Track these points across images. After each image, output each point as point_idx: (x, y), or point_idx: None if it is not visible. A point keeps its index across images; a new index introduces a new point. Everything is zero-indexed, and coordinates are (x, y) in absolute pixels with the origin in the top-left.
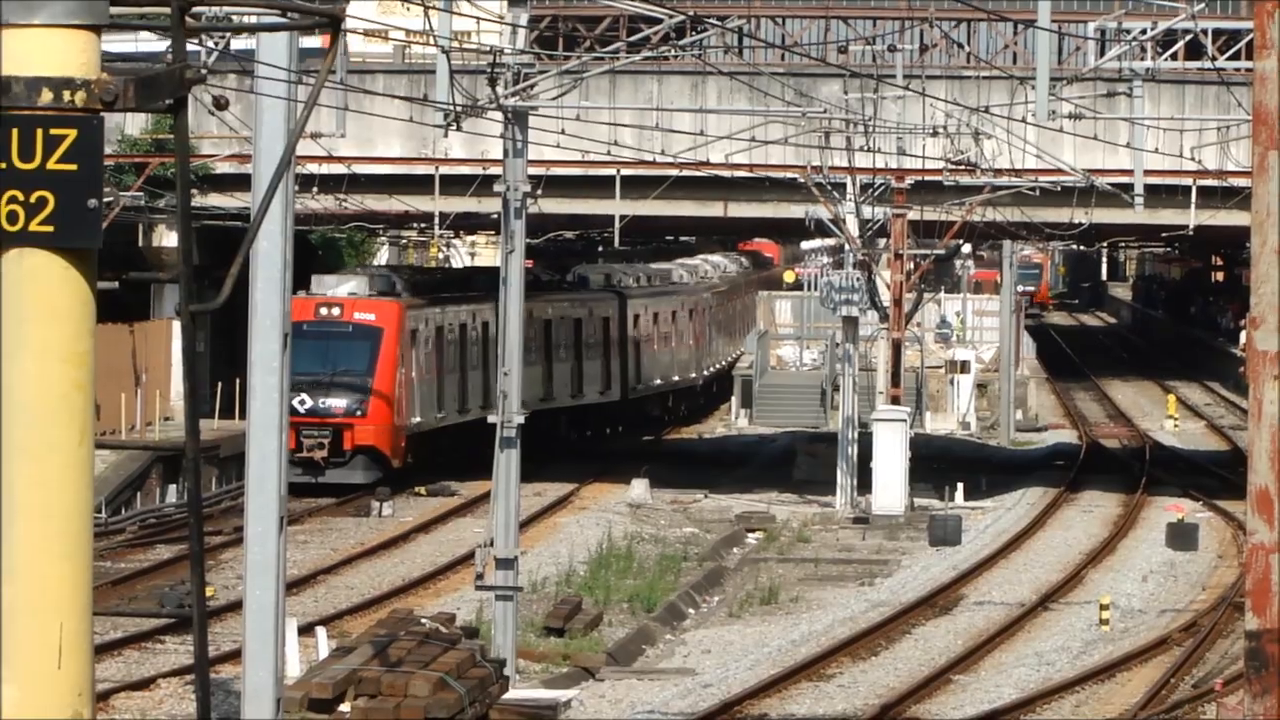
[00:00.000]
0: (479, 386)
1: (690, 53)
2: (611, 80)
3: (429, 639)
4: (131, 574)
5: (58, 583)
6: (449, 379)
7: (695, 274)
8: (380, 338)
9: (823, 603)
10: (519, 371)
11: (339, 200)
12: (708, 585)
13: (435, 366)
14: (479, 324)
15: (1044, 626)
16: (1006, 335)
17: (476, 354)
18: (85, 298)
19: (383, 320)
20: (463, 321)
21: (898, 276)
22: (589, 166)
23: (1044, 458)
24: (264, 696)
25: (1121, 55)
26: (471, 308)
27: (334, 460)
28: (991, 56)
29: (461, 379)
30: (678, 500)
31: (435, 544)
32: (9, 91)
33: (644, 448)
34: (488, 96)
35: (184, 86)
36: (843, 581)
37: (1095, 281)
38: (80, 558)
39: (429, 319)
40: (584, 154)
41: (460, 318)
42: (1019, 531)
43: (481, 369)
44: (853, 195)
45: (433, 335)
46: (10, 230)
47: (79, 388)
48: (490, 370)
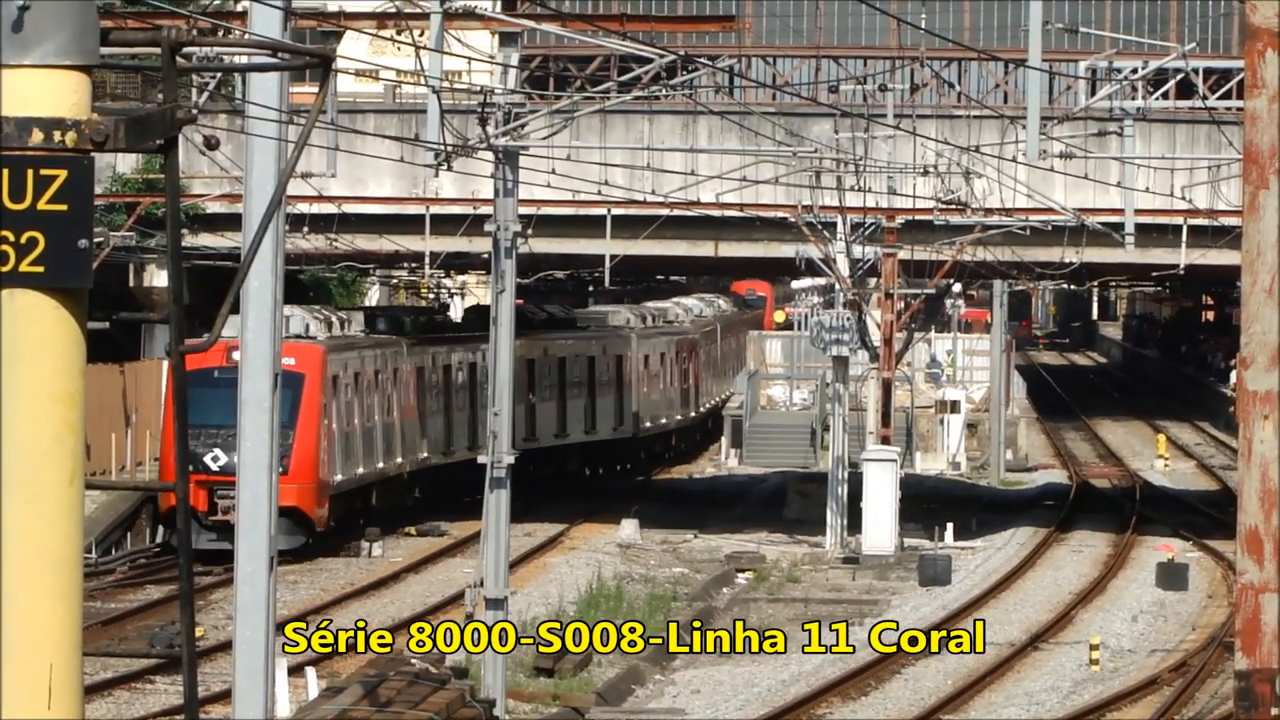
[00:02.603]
0: (445, 430)
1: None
2: (602, 120)
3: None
4: (122, 614)
5: (48, 622)
6: (390, 426)
7: (690, 313)
8: (301, 385)
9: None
10: (509, 411)
11: (330, 240)
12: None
13: (373, 413)
14: (439, 367)
15: (1034, 666)
16: (997, 375)
17: (438, 398)
18: (76, 338)
19: (303, 365)
20: (421, 365)
21: (888, 316)
22: (580, 206)
23: (1034, 497)
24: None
25: (1112, 94)
26: (432, 350)
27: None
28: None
29: (419, 424)
30: (667, 540)
31: (425, 584)
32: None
33: (634, 488)
34: (479, 136)
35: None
36: (833, 621)
37: (1086, 321)
38: (70, 598)
39: (357, 362)
40: (575, 193)
41: (414, 360)
42: (1009, 571)
43: (445, 412)
44: (843, 234)
45: (369, 380)
46: (1, 271)
47: (70, 428)
48: (447, 414)
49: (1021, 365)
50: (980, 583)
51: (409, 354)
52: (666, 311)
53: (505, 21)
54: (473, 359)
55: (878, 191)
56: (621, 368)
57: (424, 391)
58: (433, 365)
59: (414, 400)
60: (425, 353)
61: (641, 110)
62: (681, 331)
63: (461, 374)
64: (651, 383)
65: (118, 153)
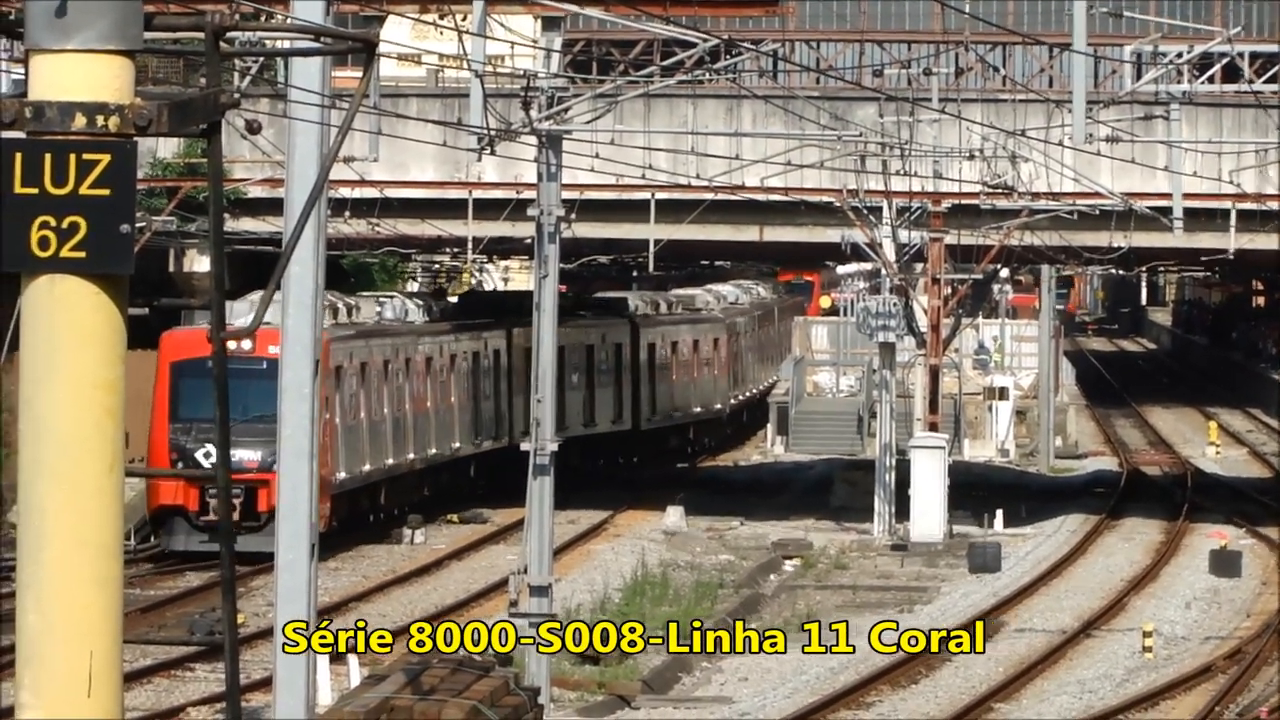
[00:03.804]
0: (456, 424)
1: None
2: (646, 104)
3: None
4: (161, 601)
5: (87, 610)
6: (403, 420)
7: (723, 300)
8: None
9: (861, 630)
10: (551, 398)
11: (371, 225)
12: (744, 612)
13: (383, 406)
14: (447, 356)
15: (1086, 654)
16: (1045, 361)
17: (448, 389)
18: (116, 324)
19: None
20: (429, 354)
21: (935, 301)
22: (623, 190)
23: (1084, 485)
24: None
25: (1158, 78)
26: (439, 339)
27: (246, 524)
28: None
29: (429, 418)
30: (713, 528)
31: (468, 571)
32: (42, 117)
33: (679, 475)
34: (521, 120)
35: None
36: (881, 608)
37: (1135, 306)
38: (110, 585)
39: (365, 351)
40: (618, 178)
41: (427, 349)
42: (1060, 558)
43: (474, 403)
44: (889, 219)
45: (378, 370)
46: (42, 256)
47: (110, 414)
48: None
49: (1070, 351)
50: (1031, 570)
51: (420, 342)
52: (694, 299)
53: (548, 6)
54: (477, 347)
55: (923, 176)
56: (621, 355)
57: (436, 382)
58: (440, 354)
59: (426, 392)
60: (437, 341)
61: (685, 94)
62: (710, 319)
63: (466, 363)
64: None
65: (160, 137)
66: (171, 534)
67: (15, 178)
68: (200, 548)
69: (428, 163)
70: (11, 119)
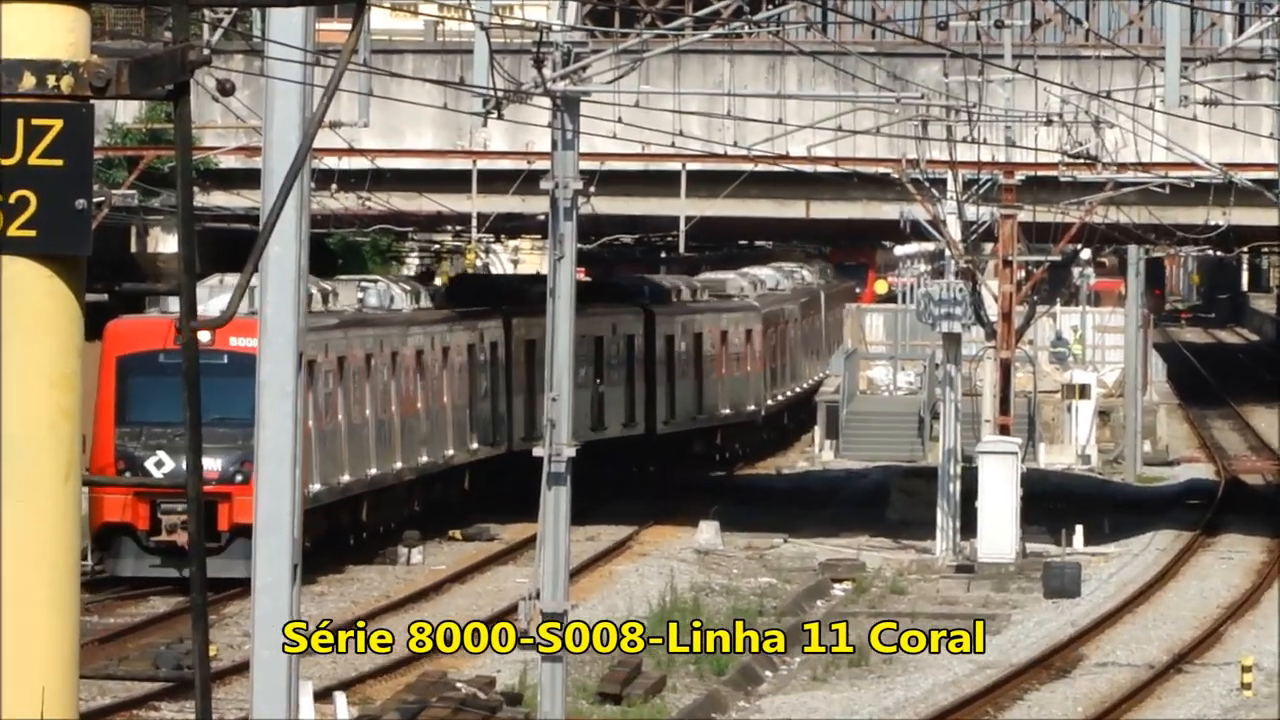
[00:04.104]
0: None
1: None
2: (676, 61)
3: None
4: (122, 630)
5: (41, 638)
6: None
7: (760, 285)
8: None
9: (921, 664)
10: (568, 397)
11: (362, 199)
12: (788, 644)
13: (364, 407)
14: (438, 349)
15: (1177, 691)
16: (1132, 355)
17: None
18: (73, 312)
19: None
20: (420, 347)
21: (1006, 287)
22: (650, 160)
23: (1176, 496)
24: None
25: (1263, 33)
26: (432, 330)
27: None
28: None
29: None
30: (752, 545)
31: (472, 596)
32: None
33: (713, 484)
34: (533, 80)
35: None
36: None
37: (1235, 292)
38: (66, 610)
39: (342, 343)
40: (644, 146)
41: (415, 342)
42: (1147, 581)
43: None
44: (954, 193)
45: (358, 366)
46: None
47: (65, 415)
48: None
49: (1160, 343)
50: (1114, 594)
51: (408, 334)
52: (725, 284)
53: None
54: (471, 340)
55: (994, 144)
56: (634, 348)
57: (427, 380)
58: (431, 347)
59: (415, 391)
60: (427, 332)
61: (721, 50)
62: (742, 307)
63: (461, 357)
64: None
65: (120, 100)
66: (118, 556)
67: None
68: (151, 572)
69: (426, 128)
70: None
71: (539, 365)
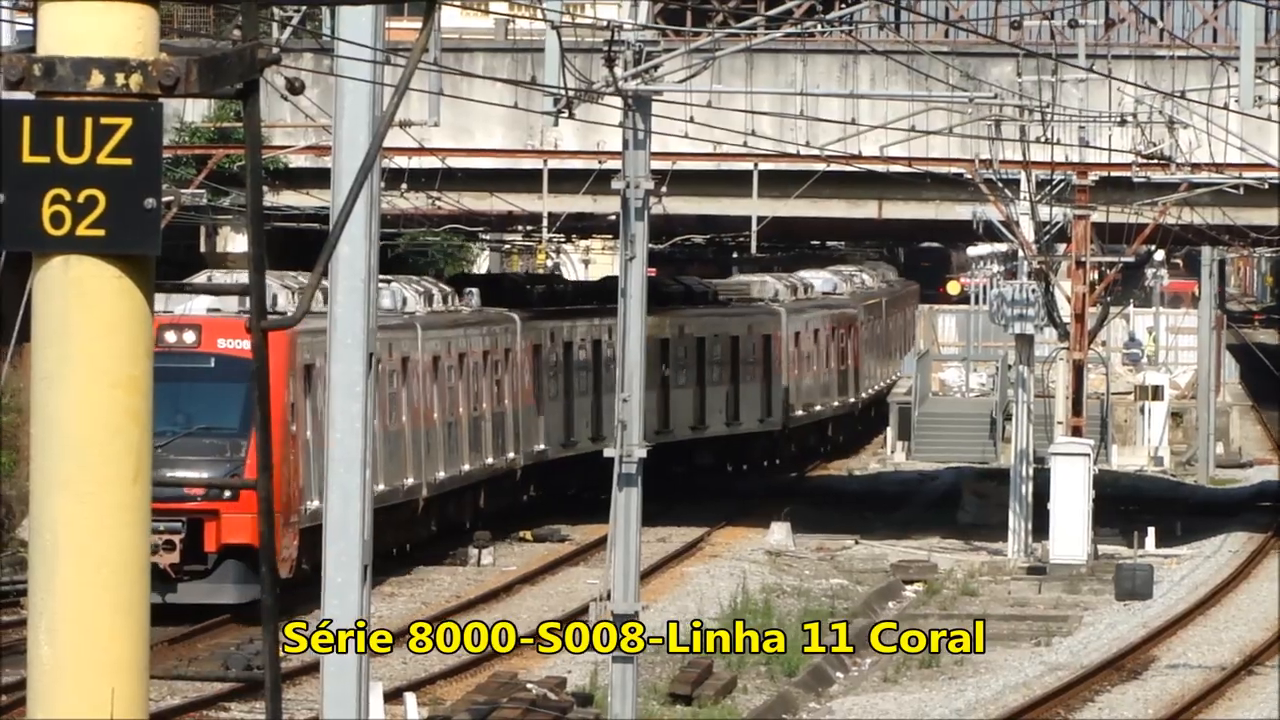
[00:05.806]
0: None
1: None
2: (748, 60)
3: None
4: (191, 631)
5: (109, 641)
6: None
7: (850, 283)
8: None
9: (992, 665)
10: (639, 398)
11: (432, 199)
12: (858, 644)
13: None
14: (454, 354)
15: (1249, 694)
16: (1206, 356)
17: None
18: (141, 313)
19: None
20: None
21: (1080, 288)
22: (721, 160)
23: (1249, 498)
24: None
25: None
26: (449, 334)
27: (189, 568)
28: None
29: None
30: (824, 547)
31: (543, 597)
32: (53, 74)
33: (785, 486)
34: (604, 79)
35: (256, 68)
36: (1015, 641)
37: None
38: (135, 612)
39: None
40: (716, 145)
41: (432, 347)
42: (1220, 583)
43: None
44: (1027, 194)
45: None
46: (55, 234)
47: (133, 417)
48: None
49: (1234, 345)
50: (1186, 596)
51: (424, 338)
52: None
53: None
54: (487, 345)
55: (1067, 144)
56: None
57: (443, 388)
58: (448, 352)
59: (430, 400)
60: (443, 337)
61: (794, 50)
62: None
63: (476, 363)
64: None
65: (188, 98)
66: None
67: (24, 145)
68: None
69: (496, 128)
70: (18, 77)
71: (703, 359)
